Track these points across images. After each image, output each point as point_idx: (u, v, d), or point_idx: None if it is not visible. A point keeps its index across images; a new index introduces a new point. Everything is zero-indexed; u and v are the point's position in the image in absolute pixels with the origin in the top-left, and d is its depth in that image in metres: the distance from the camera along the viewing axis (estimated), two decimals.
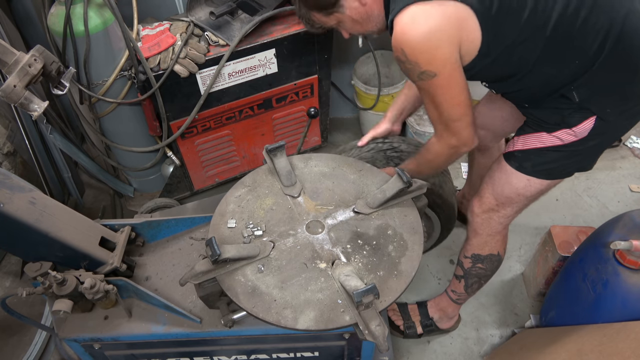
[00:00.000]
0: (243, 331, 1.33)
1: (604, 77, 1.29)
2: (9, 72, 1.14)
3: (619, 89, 1.31)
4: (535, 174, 1.48)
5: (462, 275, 1.80)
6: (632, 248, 1.45)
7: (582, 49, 1.26)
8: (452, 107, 1.31)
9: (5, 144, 2.02)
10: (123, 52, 2.00)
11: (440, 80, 1.24)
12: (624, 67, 1.27)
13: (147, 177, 2.55)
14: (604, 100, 1.32)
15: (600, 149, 1.46)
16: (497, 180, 1.56)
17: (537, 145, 1.44)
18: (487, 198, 1.59)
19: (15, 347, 1.83)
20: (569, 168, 1.48)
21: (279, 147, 1.43)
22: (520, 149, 1.48)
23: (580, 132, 1.36)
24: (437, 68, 1.22)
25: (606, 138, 1.42)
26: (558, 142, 1.40)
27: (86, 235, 1.31)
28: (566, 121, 1.36)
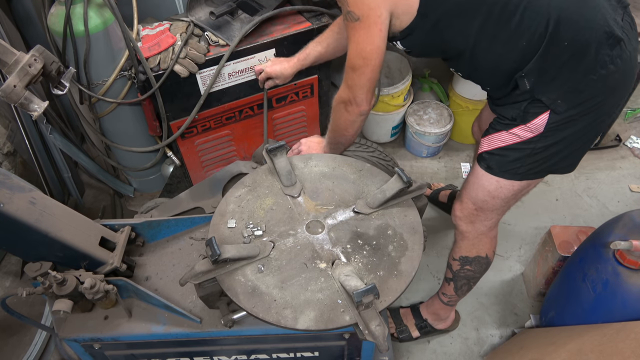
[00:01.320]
0: (243, 331, 1.33)
1: (549, 63, 1.29)
2: (9, 72, 1.14)
3: (566, 77, 1.31)
4: (502, 174, 1.48)
5: (452, 277, 1.82)
6: (632, 248, 1.45)
7: (526, 30, 1.27)
8: (356, 56, 1.36)
9: (5, 144, 2.02)
10: (123, 52, 2.00)
11: (359, 25, 1.31)
12: (567, 53, 1.27)
13: (147, 177, 2.55)
14: (554, 89, 1.32)
15: (571, 148, 1.43)
16: (471, 184, 1.58)
17: (499, 145, 1.46)
18: (466, 202, 1.61)
19: (15, 347, 1.83)
20: (536, 168, 1.46)
21: (279, 147, 1.43)
22: (486, 150, 1.49)
23: (535, 127, 1.37)
24: (361, 12, 1.29)
25: (572, 136, 1.39)
26: (516, 139, 1.41)
27: (86, 235, 1.31)
28: (522, 117, 1.38)
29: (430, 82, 2.92)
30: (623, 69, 1.31)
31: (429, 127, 2.69)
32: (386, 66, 2.75)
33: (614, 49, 1.27)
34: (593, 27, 1.26)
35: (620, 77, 1.33)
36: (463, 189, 1.63)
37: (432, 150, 2.83)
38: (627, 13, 1.35)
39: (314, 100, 2.42)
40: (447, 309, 1.98)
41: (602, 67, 1.28)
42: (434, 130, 2.67)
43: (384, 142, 2.95)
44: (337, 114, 1.53)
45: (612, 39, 1.26)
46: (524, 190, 1.54)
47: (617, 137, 2.82)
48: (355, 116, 1.48)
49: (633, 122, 2.85)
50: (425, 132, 2.68)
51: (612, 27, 1.27)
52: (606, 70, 1.28)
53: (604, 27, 1.26)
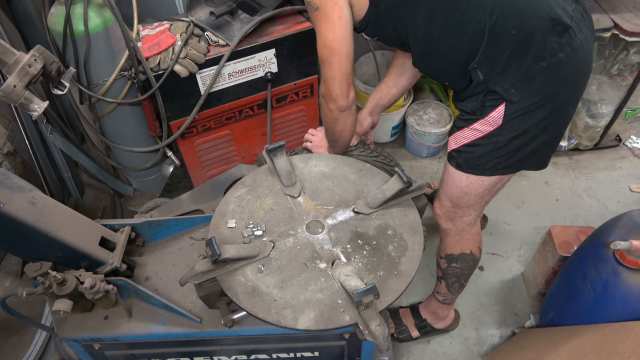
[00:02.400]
0: (243, 331, 1.33)
1: (498, 52, 1.30)
2: (9, 72, 1.14)
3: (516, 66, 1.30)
4: (471, 170, 1.49)
5: (442, 276, 1.83)
6: (632, 248, 1.45)
7: (472, 20, 1.28)
8: (322, 46, 1.38)
9: (5, 144, 2.02)
10: (123, 52, 2.00)
11: (319, 15, 1.34)
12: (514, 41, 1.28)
13: (147, 177, 2.55)
14: (506, 79, 1.32)
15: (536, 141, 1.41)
16: (446, 183, 1.59)
17: (464, 142, 1.47)
18: (444, 200, 1.63)
19: (15, 347, 1.83)
20: (504, 162, 1.45)
21: (279, 147, 1.43)
22: (453, 147, 1.51)
23: (493, 120, 1.38)
24: (319, 1, 1.33)
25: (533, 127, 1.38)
26: (478, 134, 1.43)
27: (86, 235, 1.31)
28: (480, 110, 1.39)
29: (430, 82, 2.92)
30: (575, 58, 1.30)
31: (429, 127, 2.69)
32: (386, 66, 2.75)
33: (562, 37, 1.27)
34: (538, 15, 1.26)
35: (572, 66, 1.32)
36: (440, 187, 1.65)
37: (432, 150, 2.83)
38: (579, 4, 1.35)
39: (314, 100, 2.42)
40: (444, 307, 1.98)
41: (552, 55, 1.28)
42: (434, 130, 2.67)
43: (384, 142, 2.95)
44: (322, 110, 1.55)
45: (560, 26, 1.26)
46: (496, 186, 1.55)
47: (617, 137, 2.82)
48: (335, 112, 1.48)
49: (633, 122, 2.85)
50: (425, 132, 2.67)
51: (558, 14, 1.26)
52: (556, 58, 1.28)
53: (550, 14, 1.26)
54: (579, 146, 2.74)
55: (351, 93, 1.45)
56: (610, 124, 2.60)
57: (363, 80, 2.66)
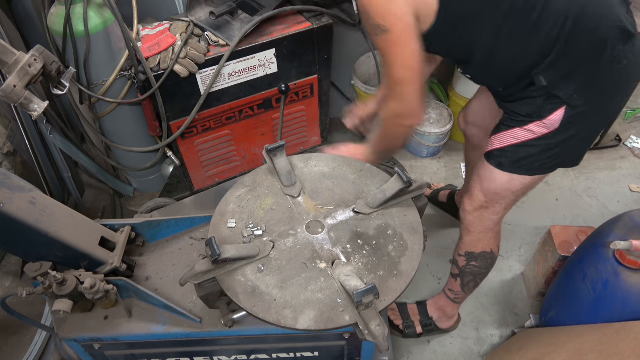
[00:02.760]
0: (243, 331, 1.33)
1: (567, 60, 1.30)
2: (9, 72, 1.14)
3: (583, 73, 1.32)
4: (514, 170, 1.49)
5: (458, 273, 1.82)
6: (632, 248, 1.45)
7: (545, 28, 1.28)
8: (399, 69, 1.34)
9: (5, 144, 2.02)
10: (123, 52, 2.00)
11: (391, 37, 1.28)
12: (585, 50, 1.29)
13: (147, 177, 2.55)
14: (570, 84, 1.33)
15: (580, 142, 1.46)
16: (483, 178, 1.58)
17: (512, 142, 1.46)
18: (477, 195, 1.61)
19: (15, 347, 1.83)
20: (549, 163, 1.48)
21: (279, 147, 1.43)
22: (497, 147, 1.50)
23: (551, 123, 1.38)
24: (389, 23, 1.27)
25: (583, 130, 1.42)
26: (531, 135, 1.42)
27: (86, 235, 1.31)
28: (537, 112, 1.38)
29: (431, 82, 2.92)
30: (633, 64, 1.33)
31: (429, 127, 2.69)
32: None
33: (627, 44, 1.30)
34: (608, 24, 1.28)
35: (630, 71, 1.36)
36: (473, 182, 1.63)
37: (432, 150, 2.83)
38: (630, 11, 1.37)
39: (314, 100, 2.42)
40: (453, 306, 1.98)
41: (618, 62, 1.30)
42: (434, 130, 2.67)
43: None
44: (390, 127, 1.49)
45: (626, 34, 1.29)
46: (534, 185, 1.56)
47: (617, 137, 2.82)
48: (411, 128, 1.47)
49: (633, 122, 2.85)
50: (425, 132, 2.68)
51: (624, 23, 1.29)
52: (620, 65, 1.31)
53: (617, 23, 1.28)
54: None
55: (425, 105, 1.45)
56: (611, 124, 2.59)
57: (363, 80, 2.66)
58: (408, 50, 1.31)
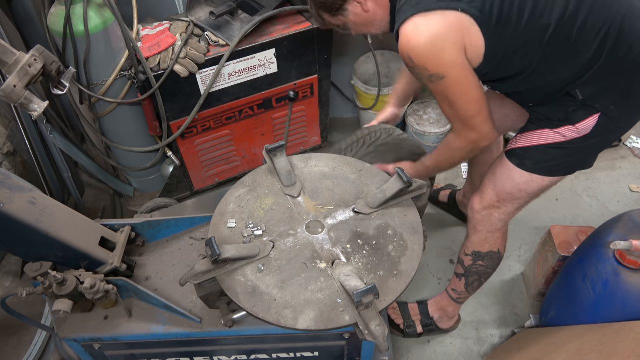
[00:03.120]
0: (243, 331, 1.33)
1: (605, 76, 1.31)
2: (9, 72, 1.14)
3: (620, 88, 1.33)
4: (536, 171, 1.50)
5: (463, 273, 1.81)
6: (632, 248, 1.45)
7: (582, 49, 1.28)
8: (466, 105, 1.35)
9: (5, 144, 2.02)
10: (123, 52, 2.00)
11: (450, 81, 1.30)
12: (624, 65, 1.29)
13: (147, 177, 2.55)
14: (608, 98, 1.34)
15: (602, 147, 1.48)
16: (499, 177, 1.57)
17: (539, 142, 1.46)
18: (489, 194, 1.60)
19: (15, 347, 1.83)
20: (570, 165, 1.50)
21: (279, 147, 1.43)
22: (522, 146, 1.50)
23: (583, 129, 1.38)
24: (444, 70, 1.28)
25: (608, 136, 1.44)
26: (561, 138, 1.42)
27: (86, 235, 1.31)
28: (570, 118, 1.39)
29: None
30: None
31: (429, 127, 2.69)
32: (386, 66, 2.75)
33: None
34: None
35: None
36: (487, 181, 1.63)
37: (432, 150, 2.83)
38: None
39: (314, 100, 2.42)
40: (455, 306, 1.98)
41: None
42: (434, 130, 2.67)
43: None
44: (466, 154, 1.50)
45: None
46: (550, 186, 1.56)
47: None
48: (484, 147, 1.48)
49: None
50: (425, 132, 2.67)
51: None
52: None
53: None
54: None
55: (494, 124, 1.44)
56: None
57: (363, 80, 2.66)
58: (468, 87, 1.33)
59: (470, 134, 1.42)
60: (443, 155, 1.55)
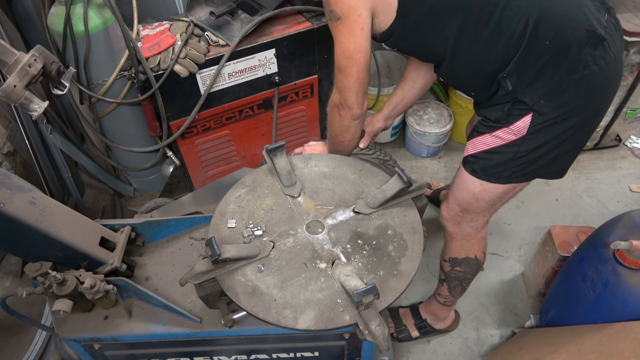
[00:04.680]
0: (243, 331, 1.33)
1: (531, 63, 1.28)
2: (9, 72, 1.14)
3: (548, 77, 1.29)
4: (486, 177, 1.47)
5: (444, 278, 1.82)
6: (632, 248, 1.45)
7: (506, 30, 1.27)
8: (342, 56, 1.36)
9: (5, 144, 2.02)
10: (123, 52, 2.00)
11: (341, 25, 1.32)
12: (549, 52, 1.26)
13: (147, 177, 2.55)
14: (536, 90, 1.30)
15: (557, 152, 1.40)
16: (457, 186, 1.57)
17: (483, 148, 1.45)
18: (452, 204, 1.61)
19: (15, 347, 1.83)
20: (521, 172, 1.45)
21: (279, 147, 1.43)
22: (471, 153, 1.49)
23: (518, 130, 1.36)
24: (342, 11, 1.30)
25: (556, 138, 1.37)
26: (500, 142, 1.41)
27: (86, 235, 1.31)
28: (505, 119, 1.37)
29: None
30: (607, 70, 1.29)
31: (429, 127, 2.69)
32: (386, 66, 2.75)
33: (597, 49, 1.26)
34: (574, 26, 1.24)
35: (604, 79, 1.31)
36: (450, 190, 1.62)
37: (432, 150, 2.83)
38: (611, 14, 1.34)
39: (314, 100, 2.42)
40: (444, 309, 1.98)
41: (585, 68, 1.26)
42: (434, 130, 2.67)
43: (384, 142, 2.95)
44: (331, 119, 1.52)
45: (595, 37, 1.25)
46: (509, 193, 1.53)
47: (617, 137, 2.82)
48: (348, 120, 1.46)
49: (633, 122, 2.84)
50: (425, 132, 2.68)
51: (594, 26, 1.25)
52: (589, 71, 1.26)
53: (586, 26, 1.24)
54: None
55: (365, 102, 1.45)
56: (610, 124, 2.60)
57: None
58: (352, 40, 1.33)
59: (335, 95, 1.44)
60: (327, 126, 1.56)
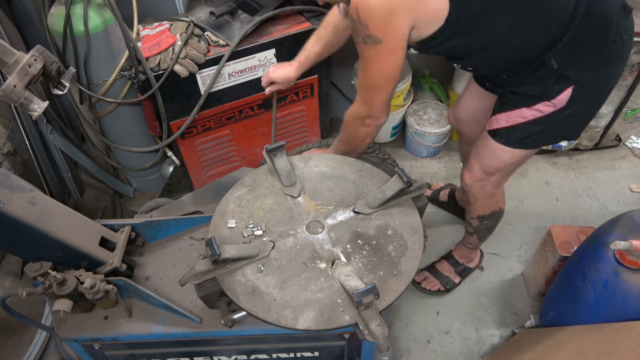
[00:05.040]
0: (243, 331, 1.34)
1: (579, 41, 1.33)
2: (9, 72, 1.14)
3: (594, 52, 1.35)
4: (522, 146, 1.56)
5: (474, 231, 1.97)
6: (632, 248, 1.45)
7: (556, 13, 1.29)
8: (379, 76, 1.36)
9: (5, 144, 2.02)
10: (123, 52, 2.00)
11: (382, 48, 1.28)
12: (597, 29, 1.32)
13: (147, 177, 2.55)
14: (582, 65, 1.36)
15: (583, 117, 1.53)
16: (484, 156, 1.64)
17: (519, 121, 1.50)
18: (476, 170, 1.68)
19: (15, 347, 1.83)
20: (553, 136, 1.56)
21: (279, 147, 1.43)
22: (504, 126, 1.54)
23: (558, 102, 1.42)
24: (383, 35, 1.26)
25: (586, 105, 1.47)
26: (538, 114, 1.46)
27: (86, 235, 1.31)
28: (546, 93, 1.41)
29: (430, 82, 2.92)
30: (628, 41, 1.38)
31: (429, 127, 2.69)
32: None
33: (627, 20, 1.35)
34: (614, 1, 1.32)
35: (628, 48, 1.40)
36: (473, 159, 1.68)
37: (432, 150, 2.83)
38: None
39: (314, 100, 2.42)
40: (474, 251, 2.18)
41: (620, 38, 1.34)
42: (434, 130, 2.67)
43: (384, 142, 2.95)
44: (352, 129, 1.51)
45: (626, 10, 1.34)
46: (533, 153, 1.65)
47: (617, 137, 2.82)
48: (373, 128, 1.49)
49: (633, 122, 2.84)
50: (425, 132, 2.67)
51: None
52: (622, 41, 1.35)
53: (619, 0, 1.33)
54: (579, 146, 2.74)
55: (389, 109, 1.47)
56: (610, 124, 2.59)
57: None
58: (394, 61, 1.32)
59: (362, 108, 1.44)
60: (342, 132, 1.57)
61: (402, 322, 2.13)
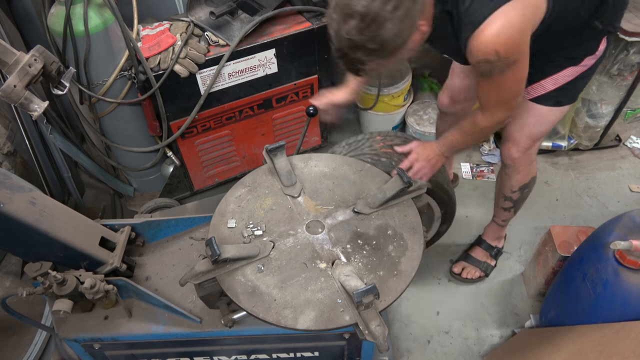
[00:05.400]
0: (243, 331, 1.34)
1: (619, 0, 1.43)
2: (9, 72, 1.14)
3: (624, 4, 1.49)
4: (569, 101, 1.65)
5: (512, 206, 1.99)
6: (632, 248, 1.45)
7: None
8: (518, 86, 1.40)
9: (5, 144, 2.02)
10: (123, 52, 2.00)
11: (516, 66, 1.32)
12: None
13: (147, 177, 2.55)
14: (617, 17, 1.49)
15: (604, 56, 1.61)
16: (531, 125, 1.69)
17: (567, 80, 1.57)
18: (524, 141, 1.73)
19: (15, 347, 1.83)
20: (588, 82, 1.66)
21: (279, 147, 1.43)
22: (553, 88, 1.59)
23: (599, 52, 1.53)
24: (520, 55, 1.30)
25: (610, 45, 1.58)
26: (584, 68, 1.55)
27: (86, 235, 1.31)
28: (590, 50, 1.51)
29: (430, 82, 2.92)
30: None
31: (429, 127, 2.69)
32: None
33: None
34: None
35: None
36: (516, 132, 1.72)
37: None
38: None
39: None
40: (504, 229, 2.21)
41: None
42: (434, 130, 2.67)
43: None
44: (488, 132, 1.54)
45: None
46: None
47: (617, 137, 2.82)
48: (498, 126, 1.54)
49: (633, 122, 2.84)
50: (425, 132, 2.67)
51: None
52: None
53: None
54: (579, 146, 2.74)
55: None
56: (610, 124, 2.59)
57: None
58: (525, 67, 1.34)
59: (503, 114, 1.47)
60: (469, 134, 1.58)
61: (402, 322, 2.13)
